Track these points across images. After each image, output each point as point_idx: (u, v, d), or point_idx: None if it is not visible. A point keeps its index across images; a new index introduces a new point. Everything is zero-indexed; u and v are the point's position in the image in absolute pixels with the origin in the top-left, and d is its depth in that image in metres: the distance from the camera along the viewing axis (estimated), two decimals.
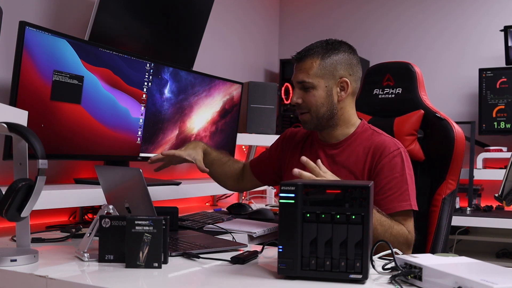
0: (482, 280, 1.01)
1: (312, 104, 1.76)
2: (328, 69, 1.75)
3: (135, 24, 2.46)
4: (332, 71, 1.76)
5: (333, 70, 1.76)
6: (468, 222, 3.05)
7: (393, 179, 1.69)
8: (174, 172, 2.97)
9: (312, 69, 1.75)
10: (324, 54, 1.76)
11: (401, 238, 1.62)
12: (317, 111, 1.76)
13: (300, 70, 1.77)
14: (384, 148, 1.73)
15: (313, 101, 1.76)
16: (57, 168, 2.24)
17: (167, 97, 2.46)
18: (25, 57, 1.79)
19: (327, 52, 1.76)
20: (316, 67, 1.75)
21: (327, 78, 1.75)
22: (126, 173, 1.54)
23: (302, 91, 1.77)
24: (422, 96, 2.04)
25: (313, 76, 1.75)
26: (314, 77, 1.75)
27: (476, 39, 3.72)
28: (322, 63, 1.75)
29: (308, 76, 1.75)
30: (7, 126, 1.32)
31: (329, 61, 1.76)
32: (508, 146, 3.46)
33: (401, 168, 1.70)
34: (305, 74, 1.75)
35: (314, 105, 1.76)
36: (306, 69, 1.75)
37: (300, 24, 4.27)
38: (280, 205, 1.21)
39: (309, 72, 1.75)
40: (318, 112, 1.76)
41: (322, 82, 1.75)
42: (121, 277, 1.24)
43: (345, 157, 1.78)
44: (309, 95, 1.76)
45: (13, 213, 1.28)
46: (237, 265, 1.36)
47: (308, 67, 1.75)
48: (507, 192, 1.47)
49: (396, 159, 1.71)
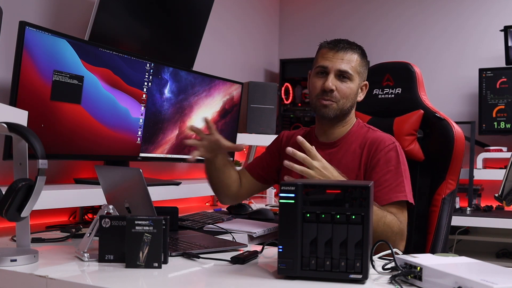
0: (482, 280, 1.01)
1: (345, 95, 1.78)
2: (363, 68, 1.83)
3: (135, 24, 2.46)
4: (363, 72, 1.83)
5: (363, 72, 1.84)
6: (468, 222, 3.05)
7: (388, 171, 1.71)
8: (174, 172, 2.98)
9: (354, 62, 1.79)
10: (362, 53, 1.83)
11: (395, 228, 1.63)
12: (344, 103, 1.79)
13: (342, 59, 1.77)
14: (379, 143, 1.76)
15: (347, 93, 1.78)
16: (57, 168, 2.24)
17: (167, 97, 2.46)
18: (25, 57, 1.79)
19: (363, 53, 1.84)
20: (358, 63, 1.80)
21: (360, 76, 1.82)
22: (126, 173, 1.54)
23: (337, 80, 1.78)
24: (421, 96, 2.04)
25: (354, 70, 1.79)
26: (354, 71, 1.79)
27: (476, 39, 3.72)
28: (361, 61, 1.82)
29: (351, 68, 1.78)
30: (7, 126, 1.32)
31: (364, 61, 1.84)
32: (508, 146, 3.46)
33: (396, 162, 1.73)
34: (349, 65, 1.77)
35: (345, 97, 1.78)
36: (349, 61, 1.78)
37: (300, 24, 4.27)
38: (280, 205, 1.21)
39: (352, 64, 1.78)
40: (344, 105, 1.79)
41: (357, 79, 1.80)
42: (121, 277, 1.24)
43: (342, 154, 1.80)
44: (344, 85, 1.78)
45: (13, 213, 1.28)
46: (237, 265, 1.36)
47: (351, 60, 1.78)
48: (507, 192, 1.47)
49: (391, 153, 1.74)
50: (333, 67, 1.78)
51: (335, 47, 1.79)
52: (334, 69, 1.77)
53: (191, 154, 1.82)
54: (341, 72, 1.77)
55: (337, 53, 1.79)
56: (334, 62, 1.78)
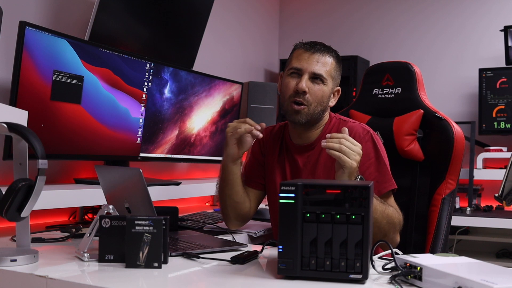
0: (482, 280, 1.01)
1: (317, 98, 1.74)
2: (337, 73, 1.80)
3: (135, 24, 2.46)
4: (337, 77, 1.81)
5: (337, 76, 1.81)
6: (468, 222, 3.05)
7: (370, 164, 1.71)
8: (174, 172, 2.98)
9: (329, 66, 1.76)
10: (337, 58, 1.80)
11: (395, 219, 1.64)
12: (316, 107, 1.75)
13: (317, 62, 1.75)
14: (354, 134, 1.74)
15: (319, 96, 1.74)
16: (57, 168, 2.24)
17: (167, 97, 2.46)
18: (25, 57, 1.80)
19: (337, 57, 1.81)
20: (333, 67, 1.77)
21: (334, 81, 1.79)
22: (126, 173, 1.54)
23: (310, 82, 1.74)
24: (421, 96, 2.04)
25: (328, 74, 1.76)
26: (329, 75, 1.76)
27: (476, 39, 3.72)
28: (336, 65, 1.79)
29: (326, 72, 1.75)
30: (7, 126, 1.32)
31: (338, 66, 1.81)
32: (508, 146, 3.46)
33: (375, 152, 1.73)
34: (323, 68, 1.75)
35: (317, 100, 1.74)
36: (324, 64, 1.75)
37: (300, 24, 4.27)
38: (280, 205, 1.21)
39: (327, 68, 1.76)
40: (316, 109, 1.75)
41: (330, 83, 1.78)
42: (121, 277, 1.24)
43: (319, 154, 1.78)
44: (317, 88, 1.74)
45: (13, 213, 1.28)
46: (237, 265, 1.36)
47: (326, 63, 1.76)
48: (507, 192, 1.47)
49: (368, 144, 1.73)
50: (307, 69, 1.74)
51: (311, 49, 1.76)
52: (309, 71, 1.74)
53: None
54: (315, 75, 1.74)
55: (313, 55, 1.75)
56: (309, 64, 1.74)
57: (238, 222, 1.90)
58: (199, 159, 2.74)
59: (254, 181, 1.92)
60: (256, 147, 1.95)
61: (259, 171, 1.93)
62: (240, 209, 1.85)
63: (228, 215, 1.87)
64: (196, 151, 2.70)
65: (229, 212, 1.86)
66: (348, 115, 2.10)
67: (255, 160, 1.95)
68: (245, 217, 1.90)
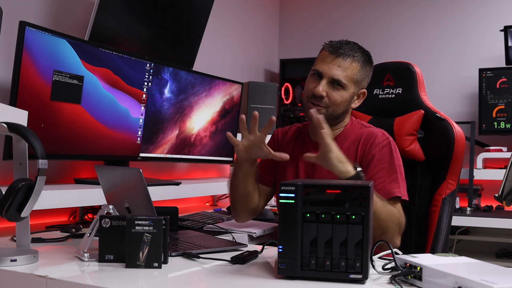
0: (482, 280, 1.01)
1: (336, 103, 1.74)
2: (361, 78, 1.77)
3: (135, 24, 2.46)
4: (361, 80, 1.78)
5: (362, 80, 1.78)
6: (468, 222, 3.04)
7: (382, 168, 1.71)
8: (174, 172, 2.98)
9: (351, 71, 1.73)
10: (364, 62, 1.77)
11: (394, 218, 1.63)
12: (335, 111, 1.75)
13: (338, 66, 1.72)
14: (374, 139, 1.75)
15: (338, 101, 1.73)
16: (57, 168, 2.24)
17: (167, 97, 2.46)
18: (25, 57, 1.79)
19: (365, 61, 1.77)
20: (355, 72, 1.74)
21: (357, 85, 1.77)
22: (126, 173, 1.54)
23: (330, 86, 1.73)
24: (422, 96, 2.04)
25: (349, 79, 1.73)
26: (350, 80, 1.73)
27: (476, 39, 3.72)
28: (361, 69, 1.76)
29: (346, 77, 1.72)
30: (7, 126, 1.32)
31: (364, 71, 1.77)
32: (508, 146, 3.46)
33: (390, 158, 1.73)
34: (344, 73, 1.72)
35: (336, 105, 1.74)
36: (345, 69, 1.72)
37: (300, 24, 4.27)
38: (280, 205, 1.21)
39: (347, 73, 1.72)
40: (335, 112, 1.76)
41: (352, 88, 1.75)
42: (121, 277, 1.24)
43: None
44: (336, 93, 1.73)
45: (13, 213, 1.28)
46: (237, 265, 1.36)
47: (347, 68, 1.73)
48: (507, 192, 1.47)
49: (385, 149, 1.74)
50: (327, 74, 1.73)
51: (335, 52, 1.74)
52: (328, 75, 1.73)
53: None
54: (334, 80, 1.72)
55: (336, 59, 1.73)
56: (329, 68, 1.72)
57: (246, 215, 1.91)
58: (199, 159, 2.74)
59: (263, 177, 1.93)
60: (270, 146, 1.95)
61: (270, 167, 1.94)
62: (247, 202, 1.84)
63: (238, 210, 1.88)
64: (196, 151, 2.70)
65: (239, 207, 1.86)
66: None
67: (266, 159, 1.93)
68: (252, 210, 1.90)
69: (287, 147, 1.91)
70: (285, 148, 1.91)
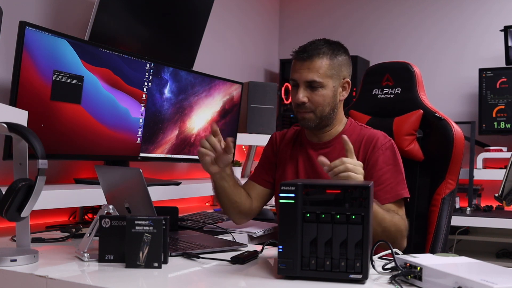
0: (482, 280, 1.01)
1: (320, 104, 1.76)
2: (335, 69, 1.78)
3: (135, 24, 2.46)
4: (338, 72, 1.79)
5: (339, 71, 1.79)
6: (468, 222, 3.04)
7: (388, 170, 1.74)
8: (174, 172, 2.98)
9: (322, 68, 1.75)
10: (331, 54, 1.78)
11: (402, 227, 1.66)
12: (323, 110, 1.77)
13: (308, 69, 1.75)
14: (376, 140, 1.77)
15: (320, 101, 1.76)
16: (57, 168, 2.24)
17: (167, 97, 2.46)
18: (25, 57, 1.79)
19: (333, 52, 1.78)
20: (326, 67, 1.75)
21: (334, 78, 1.78)
22: (126, 173, 1.54)
23: (309, 90, 1.76)
24: (421, 96, 2.04)
25: (324, 75, 1.75)
26: (325, 77, 1.75)
27: (476, 39, 3.72)
28: (331, 63, 1.77)
29: (319, 76, 1.74)
30: (7, 126, 1.32)
31: (336, 61, 1.78)
32: (508, 146, 3.46)
33: (394, 160, 1.76)
34: (316, 73, 1.74)
35: (321, 105, 1.76)
36: (316, 68, 1.74)
37: (300, 24, 4.27)
38: (280, 205, 1.21)
39: (320, 72, 1.74)
40: (323, 112, 1.77)
41: (330, 82, 1.77)
42: (121, 277, 1.24)
43: (337, 154, 1.76)
44: (316, 94, 1.75)
45: (13, 213, 1.28)
46: (237, 265, 1.36)
47: (318, 67, 1.75)
48: (507, 192, 1.47)
49: (388, 151, 1.77)
50: (300, 79, 1.75)
51: (301, 57, 1.76)
52: (302, 81, 1.75)
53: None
54: (309, 83, 1.75)
55: (304, 62, 1.75)
56: (301, 73, 1.75)
57: (242, 218, 1.92)
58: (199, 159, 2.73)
59: (260, 177, 1.95)
60: (269, 149, 1.99)
61: (268, 169, 1.95)
62: (238, 208, 1.86)
63: (229, 214, 1.90)
64: (196, 151, 2.70)
65: (228, 212, 1.89)
66: (348, 115, 2.10)
67: (266, 159, 1.98)
68: (247, 213, 1.91)
69: (285, 149, 1.93)
70: (283, 150, 1.93)
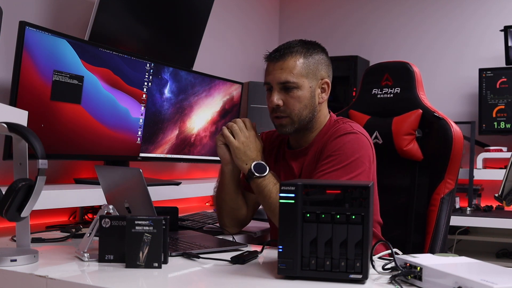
0: (482, 280, 1.01)
1: (295, 107, 1.66)
2: (311, 68, 1.67)
3: (135, 24, 2.46)
4: (314, 71, 1.68)
5: (315, 70, 1.68)
6: (468, 222, 3.04)
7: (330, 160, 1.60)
8: (174, 172, 2.98)
9: (296, 68, 1.64)
10: (306, 52, 1.67)
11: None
12: (300, 114, 1.67)
13: (281, 69, 1.64)
14: (333, 133, 1.66)
15: (296, 103, 1.65)
16: (57, 168, 2.24)
17: (167, 97, 2.46)
18: (25, 57, 1.80)
19: (308, 51, 1.68)
20: (300, 66, 1.65)
21: (310, 78, 1.67)
22: (126, 173, 1.54)
23: (283, 93, 1.66)
24: (420, 96, 2.03)
25: (298, 75, 1.64)
26: (299, 76, 1.65)
27: (476, 39, 3.72)
28: (305, 61, 1.66)
29: (293, 76, 1.64)
30: (7, 126, 1.32)
31: (311, 60, 1.68)
32: (508, 146, 3.46)
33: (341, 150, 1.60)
34: (289, 73, 1.64)
35: (297, 108, 1.66)
36: (290, 68, 1.64)
37: (300, 24, 4.27)
38: (280, 205, 1.21)
39: (293, 71, 1.64)
40: (301, 115, 1.67)
41: (306, 82, 1.66)
42: (121, 277, 1.24)
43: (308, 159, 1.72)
44: (291, 96, 1.65)
45: (13, 213, 1.28)
46: (237, 265, 1.36)
47: (292, 66, 1.64)
48: (507, 192, 1.47)
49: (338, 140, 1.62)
50: (274, 81, 1.66)
51: (273, 58, 1.67)
52: (275, 82, 1.65)
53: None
54: (282, 84, 1.65)
55: (276, 64, 1.65)
56: (274, 75, 1.65)
57: (234, 227, 1.87)
58: (199, 159, 2.74)
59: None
60: None
61: None
62: (235, 215, 1.83)
63: (223, 220, 1.85)
64: (196, 151, 2.70)
65: (224, 217, 1.84)
66: (347, 115, 2.10)
67: None
68: (240, 223, 1.87)
69: (269, 155, 1.85)
70: (267, 156, 1.84)
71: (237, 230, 1.89)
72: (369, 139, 1.70)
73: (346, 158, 1.60)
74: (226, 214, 1.83)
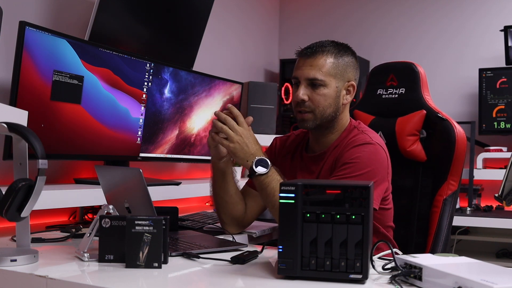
0: (482, 280, 1.01)
1: (320, 104, 1.68)
2: (340, 69, 1.70)
3: (135, 24, 2.46)
4: (342, 72, 1.71)
5: (343, 72, 1.71)
6: (468, 222, 3.04)
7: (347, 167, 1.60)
8: (174, 172, 2.98)
9: (326, 66, 1.68)
10: (337, 53, 1.70)
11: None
12: (323, 111, 1.69)
13: (311, 66, 1.68)
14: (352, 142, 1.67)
15: (322, 100, 1.68)
16: (57, 168, 2.24)
17: (167, 97, 2.46)
18: (25, 57, 1.79)
19: (339, 52, 1.71)
20: (330, 65, 1.68)
21: (338, 78, 1.70)
22: (126, 173, 1.54)
23: (310, 88, 1.69)
24: (425, 97, 2.03)
25: (326, 74, 1.68)
26: (327, 75, 1.68)
27: (476, 39, 3.72)
28: (335, 62, 1.70)
29: (321, 73, 1.67)
30: (7, 126, 1.32)
31: (341, 61, 1.71)
32: (508, 146, 3.46)
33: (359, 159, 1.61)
34: (318, 70, 1.67)
35: (321, 105, 1.68)
36: (319, 66, 1.67)
37: (300, 24, 4.27)
38: (280, 205, 1.21)
39: (322, 69, 1.67)
40: (324, 113, 1.69)
41: (333, 82, 1.69)
42: (121, 277, 1.24)
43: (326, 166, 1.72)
44: (318, 93, 1.68)
45: (13, 213, 1.28)
46: (237, 265, 1.36)
47: (321, 64, 1.68)
48: (507, 192, 1.47)
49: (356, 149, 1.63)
50: (302, 76, 1.69)
51: (305, 54, 1.70)
52: (303, 78, 1.68)
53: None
54: (310, 80, 1.68)
55: (307, 60, 1.69)
56: (303, 71, 1.68)
57: (233, 225, 1.84)
58: (199, 159, 2.74)
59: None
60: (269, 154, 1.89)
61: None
62: (232, 210, 1.81)
63: (222, 218, 1.84)
64: (196, 151, 2.70)
65: (222, 214, 1.83)
66: (352, 115, 2.08)
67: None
68: (240, 220, 1.84)
69: (284, 160, 1.86)
70: (281, 162, 1.85)
71: (237, 230, 1.87)
72: (385, 150, 1.71)
73: (362, 168, 1.61)
74: (222, 210, 1.82)
